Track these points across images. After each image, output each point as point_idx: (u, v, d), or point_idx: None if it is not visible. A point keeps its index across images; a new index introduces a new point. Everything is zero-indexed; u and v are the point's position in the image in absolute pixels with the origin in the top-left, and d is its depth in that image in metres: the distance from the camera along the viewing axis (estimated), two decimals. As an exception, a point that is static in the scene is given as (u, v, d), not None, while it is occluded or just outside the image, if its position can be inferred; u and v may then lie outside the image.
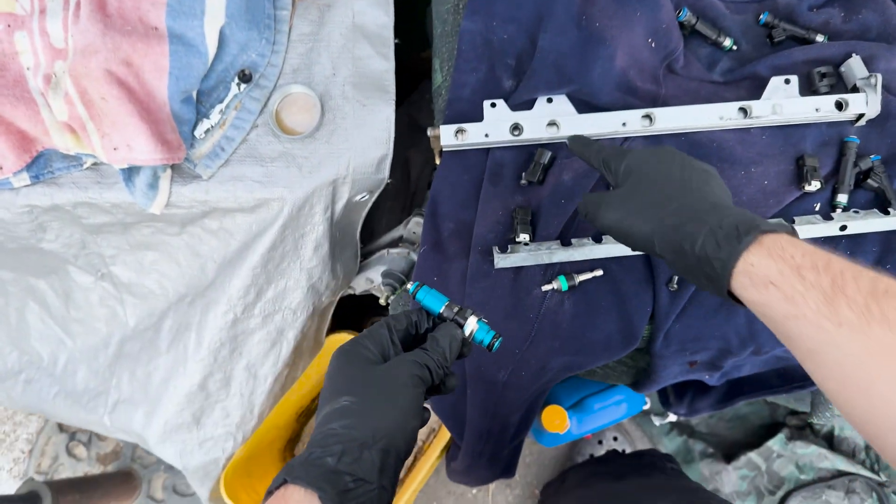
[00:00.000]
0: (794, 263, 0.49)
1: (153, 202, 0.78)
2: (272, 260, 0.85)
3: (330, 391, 0.54)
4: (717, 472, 1.42)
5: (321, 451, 0.48)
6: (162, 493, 1.45)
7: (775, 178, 0.78)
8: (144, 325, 0.94)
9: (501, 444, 0.91)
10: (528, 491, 1.49)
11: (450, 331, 0.57)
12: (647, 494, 0.79)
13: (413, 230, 0.96)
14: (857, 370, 0.44)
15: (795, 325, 0.47)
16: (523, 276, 0.76)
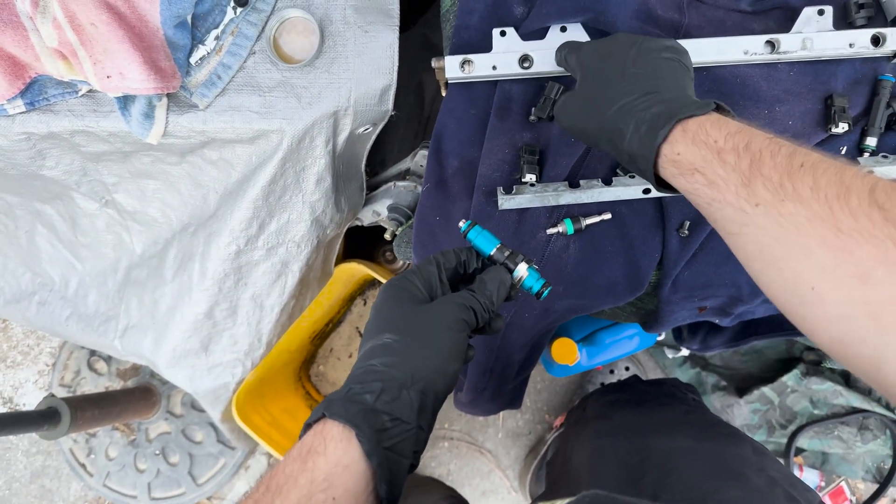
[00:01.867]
0: (715, 147, 0.49)
1: (149, 132, 0.75)
2: (273, 193, 0.83)
3: (374, 325, 0.54)
4: (729, 406, 1.42)
5: (360, 387, 0.48)
6: (181, 408, 1.50)
7: (800, 119, 0.73)
8: (150, 253, 0.93)
9: (505, 380, 0.91)
10: (538, 416, 1.51)
11: (499, 275, 0.56)
12: (666, 428, 0.78)
13: (420, 163, 0.93)
14: (772, 248, 0.44)
15: (718, 209, 0.48)
16: (528, 218, 0.74)
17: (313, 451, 0.44)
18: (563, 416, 1.42)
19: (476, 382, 0.88)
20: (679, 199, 0.73)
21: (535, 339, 0.86)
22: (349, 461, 0.44)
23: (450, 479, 1.52)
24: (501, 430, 1.52)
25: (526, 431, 1.51)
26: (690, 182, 0.50)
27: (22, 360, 1.62)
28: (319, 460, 0.43)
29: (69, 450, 1.55)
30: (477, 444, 1.52)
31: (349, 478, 0.44)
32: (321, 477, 0.43)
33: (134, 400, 1.41)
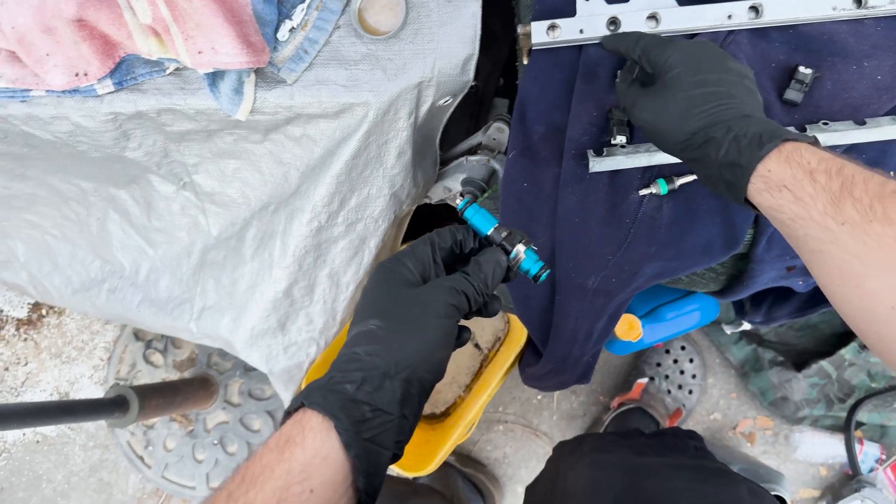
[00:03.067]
0: (808, 168, 0.50)
1: (239, 108, 0.76)
2: (356, 167, 0.84)
3: (361, 310, 0.52)
4: (787, 380, 1.41)
5: (341, 376, 0.47)
6: (238, 397, 1.51)
7: (890, 72, 0.73)
8: (227, 234, 0.94)
9: (584, 350, 0.91)
10: (592, 398, 1.51)
11: (495, 256, 0.54)
12: (663, 471, 0.78)
13: (493, 136, 0.93)
14: (852, 266, 0.45)
15: (802, 226, 0.49)
16: (619, 179, 0.74)
17: (291, 442, 0.43)
18: (619, 397, 1.42)
19: (558, 353, 0.88)
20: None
21: (618, 305, 0.86)
22: (327, 452, 0.43)
23: (505, 463, 1.52)
24: (556, 413, 1.52)
25: (581, 413, 1.52)
26: (776, 198, 0.51)
27: (77, 356, 1.64)
28: (297, 451, 0.43)
29: (127, 442, 1.56)
30: (532, 426, 1.52)
31: (327, 469, 0.43)
32: (298, 468, 0.42)
33: (193, 390, 1.42)
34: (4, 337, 1.66)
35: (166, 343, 1.55)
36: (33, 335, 1.66)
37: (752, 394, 1.48)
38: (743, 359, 1.48)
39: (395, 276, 0.52)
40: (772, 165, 0.52)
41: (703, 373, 1.48)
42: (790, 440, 1.46)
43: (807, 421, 1.44)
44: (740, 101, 0.57)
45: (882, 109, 0.72)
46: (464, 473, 1.44)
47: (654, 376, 1.44)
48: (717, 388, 1.51)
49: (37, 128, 0.81)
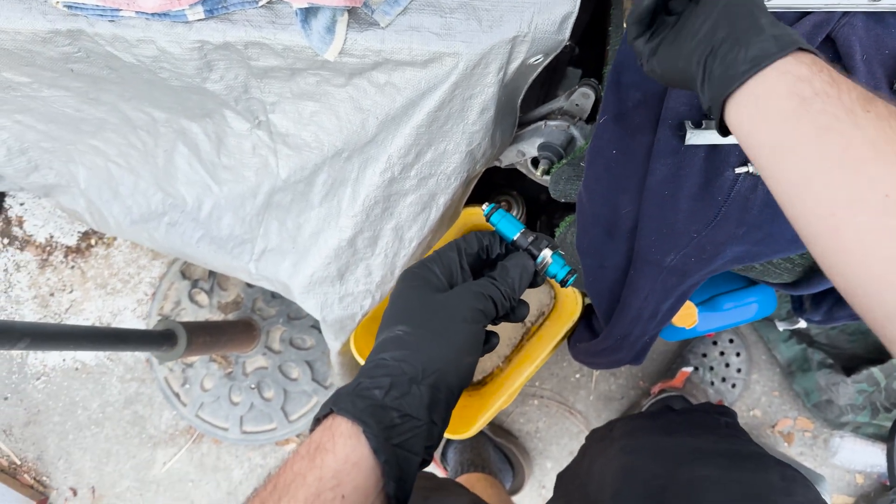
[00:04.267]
0: (827, 76, 0.44)
1: (329, 47, 0.75)
2: (437, 120, 0.82)
3: (389, 316, 0.52)
4: (835, 384, 1.38)
5: (370, 381, 0.47)
6: (279, 344, 1.52)
7: None
8: (296, 178, 0.93)
9: (646, 330, 0.89)
10: (632, 381, 1.50)
11: (522, 261, 0.55)
12: (694, 456, 0.75)
13: (577, 102, 0.91)
14: (861, 149, 0.40)
15: (824, 101, 0.43)
16: (716, 155, 0.71)
17: (321, 448, 0.43)
18: (662, 383, 1.41)
19: (621, 329, 0.87)
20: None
21: (688, 288, 0.84)
22: (358, 458, 0.43)
23: (537, 437, 1.51)
24: (593, 393, 1.51)
25: (619, 396, 1.50)
26: (814, 72, 0.44)
27: (122, 288, 1.66)
28: (328, 457, 0.43)
29: (164, 378, 1.58)
30: (567, 404, 1.51)
31: (358, 475, 0.43)
32: (330, 474, 0.42)
33: (237, 332, 1.43)
34: (52, 263, 1.68)
35: (213, 283, 1.56)
36: (80, 263, 1.68)
37: (795, 394, 1.45)
38: (791, 357, 1.45)
39: (422, 282, 0.52)
40: (801, 70, 0.46)
41: (749, 368, 1.45)
42: (829, 444, 1.44)
43: (849, 427, 1.42)
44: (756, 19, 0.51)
45: None
46: (496, 443, 1.44)
47: (698, 366, 1.42)
48: (761, 385, 1.48)
49: (122, 49, 0.80)
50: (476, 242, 0.56)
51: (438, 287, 0.52)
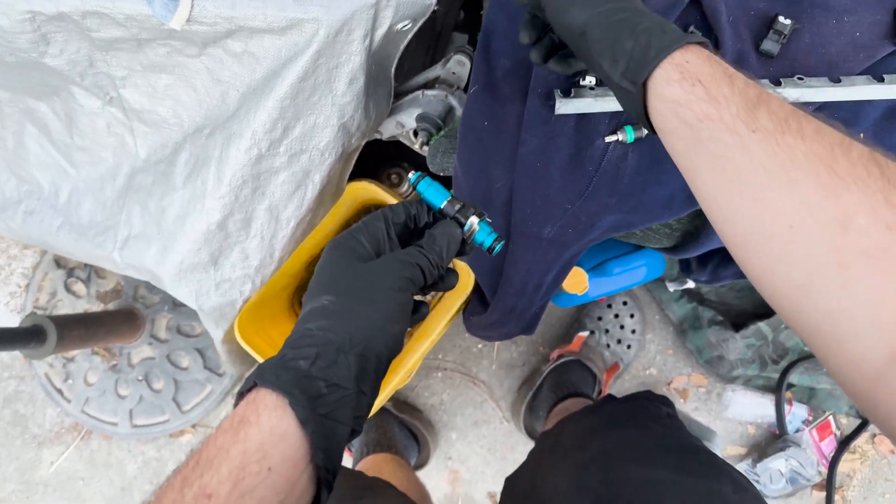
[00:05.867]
0: (726, 71, 0.47)
1: (174, 15, 0.68)
2: (302, 92, 0.77)
3: (314, 287, 0.51)
4: (725, 340, 1.43)
5: (294, 352, 0.45)
6: (166, 333, 1.44)
7: (868, 30, 0.70)
8: (157, 157, 0.87)
9: (532, 301, 0.88)
10: (531, 348, 1.50)
11: (449, 229, 0.54)
12: (644, 455, 0.75)
13: (453, 70, 0.87)
14: (755, 175, 0.42)
15: (709, 128, 0.45)
16: (586, 124, 0.70)
17: (245, 422, 0.42)
18: (559, 349, 1.42)
19: (507, 303, 0.85)
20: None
21: (570, 256, 0.83)
22: (284, 430, 0.42)
23: (442, 409, 1.51)
24: (495, 362, 1.51)
25: (520, 363, 1.51)
26: (687, 92, 0.46)
27: (-9, 281, 1.53)
28: (252, 430, 0.42)
29: (45, 374, 1.48)
30: (471, 374, 1.50)
31: (285, 447, 0.42)
32: (254, 447, 0.41)
33: (117, 323, 1.34)
34: None
35: (90, 272, 1.46)
36: (-58, 256, 1.54)
37: (688, 351, 1.49)
38: (683, 316, 1.49)
39: (347, 252, 0.51)
40: (690, 57, 0.48)
41: (643, 328, 1.48)
42: (722, 398, 1.49)
43: (740, 380, 1.47)
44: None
45: (857, 68, 0.70)
46: (399, 419, 1.42)
47: (594, 330, 1.43)
48: (655, 344, 1.52)
49: (-62, 21, 0.71)
50: (403, 211, 0.54)
51: (364, 256, 0.51)
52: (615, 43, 0.50)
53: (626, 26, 0.50)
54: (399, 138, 0.99)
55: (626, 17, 0.51)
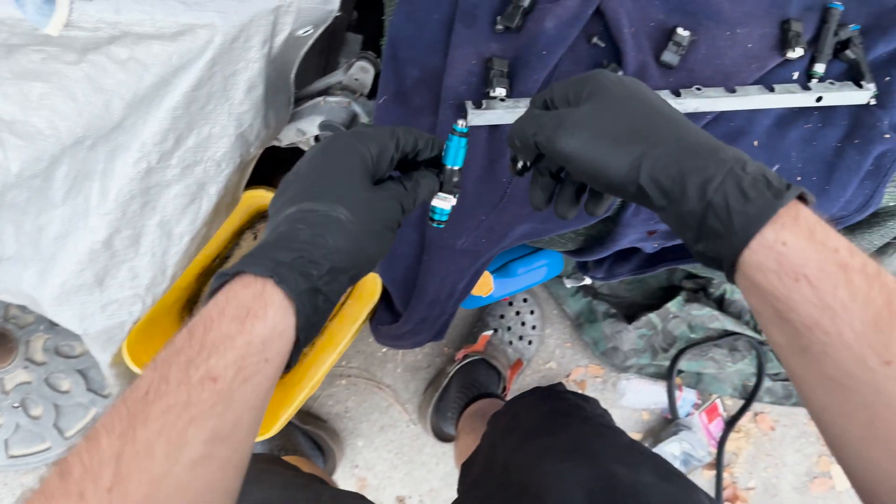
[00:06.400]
0: (837, 257, 0.38)
1: (50, 19, 0.62)
2: (196, 101, 0.72)
3: (321, 178, 0.51)
4: (619, 331, 1.48)
5: (309, 262, 0.46)
6: (43, 355, 1.32)
7: (759, 42, 0.74)
8: (31, 172, 0.78)
9: (445, 309, 0.87)
10: (437, 350, 1.50)
11: (433, 186, 0.56)
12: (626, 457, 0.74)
13: (356, 76, 0.84)
14: (892, 422, 0.35)
15: (822, 342, 0.37)
16: (499, 136, 0.69)
17: (252, 314, 0.44)
18: (465, 349, 1.42)
19: (420, 313, 0.84)
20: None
21: (480, 266, 0.82)
22: (284, 328, 0.45)
23: (347, 417, 1.48)
24: (400, 365, 1.49)
25: (425, 365, 1.50)
26: (789, 289, 0.38)
27: None
28: (258, 324, 0.44)
29: None
30: (375, 379, 1.48)
31: (281, 343, 0.45)
32: (259, 339, 0.43)
33: (-14, 347, 1.22)
34: None
35: (-51, 293, 1.31)
36: None
37: (585, 344, 1.53)
38: (579, 311, 1.53)
39: (358, 162, 0.51)
40: (787, 235, 0.38)
41: (542, 324, 1.51)
42: (617, 387, 1.55)
43: (633, 369, 1.53)
44: (699, 131, 0.46)
45: (750, 78, 0.73)
46: (304, 430, 1.38)
47: (497, 328, 1.45)
48: (554, 339, 1.55)
49: None
50: (413, 142, 0.55)
51: (370, 172, 0.52)
52: (681, 204, 0.42)
53: (692, 182, 0.42)
54: (299, 145, 0.95)
55: (683, 165, 0.43)
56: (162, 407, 0.39)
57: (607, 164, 0.45)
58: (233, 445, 0.42)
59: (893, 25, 0.75)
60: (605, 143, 0.45)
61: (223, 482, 0.41)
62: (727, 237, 0.40)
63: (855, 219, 0.76)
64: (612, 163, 0.45)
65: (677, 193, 0.42)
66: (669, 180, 0.43)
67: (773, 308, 0.39)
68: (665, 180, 0.43)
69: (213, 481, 0.40)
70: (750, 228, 0.39)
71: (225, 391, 0.41)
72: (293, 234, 0.48)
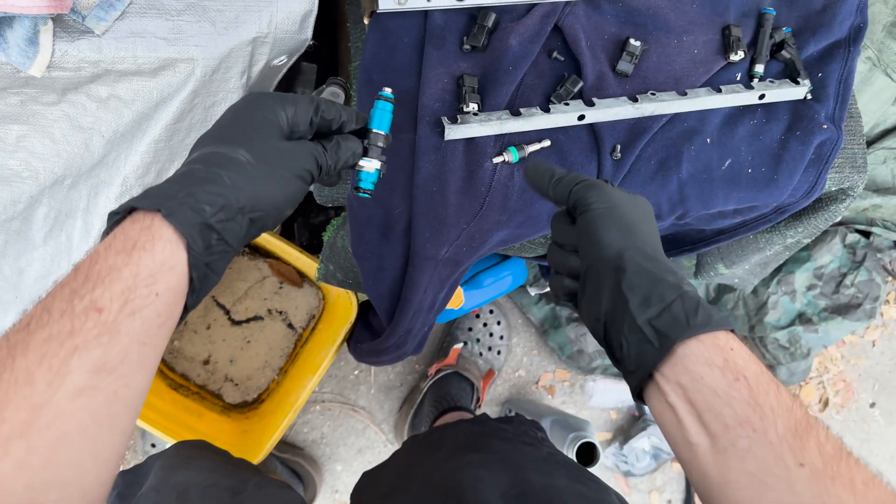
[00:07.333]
0: (770, 374, 0.44)
1: (33, 62, 0.63)
2: (178, 133, 0.74)
3: (230, 129, 0.52)
4: (582, 335, 1.53)
5: (203, 195, 0.46)
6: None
7: (704, 47, 0.80)
8: (8, 215, 0.78)
9: (426, 321, 0.90)
10: (408, 367, 1.52)
11: (355, 149, 0.57)
12: (542, 466, 0.78)
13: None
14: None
15: (748, 438, 0.41)
16: (475, 148, 0.73)
17: (139, 247, 0.43)
18: (437, 363, 1.45)
19: (404, 325, 0.86)
20: (611, 125, 0.76)
21: (459, 275, 0.86)
22: (175, 263, 0.44)
23: (324, 443, 1.48)
24: (374, 386, 1.51)
25: (398, 384, 1.52)
26: (730, 385, 0.43)
27: None
28: (146, 256, 0.43)
29: None
30: (349, 402, 1.49)
31: (173, 278, 0.44)
32: (146, 272, 0.43)
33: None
34: None
35: None
36: None
37: (551, 349, 1.58)
38: (543, 317, 1.58)
39: (270, 118, 0.52)
40: (735, 344, 0.45)
41: (509, 333, 1.55)
42: (585, 389, 1.59)
43: (599, 370, 1.58)
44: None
45: (699, 81, 0.79)
46: (282, 459, 1.38)
47: (467, 341, 1.48)
48: (521, 347, 1.59)
49: None
50: (334, 113, 0.56)
51: (283, 131, 0.53)
52: (654, 285, 0.48)
53: (672, 278, 0.48)
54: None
55: (669, 268, 0.50)
56: (44, 336, 0.38)
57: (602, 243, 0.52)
58: (120, 379, 0.40)
59: (821, 27, 0.83)
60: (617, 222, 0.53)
61: (110, 416, 0.40)
62: (685, 324, 0.45)
63: (802, 204, 0.83)
64: (605, 243, 0.52)
65: (656, 277, 0.48)
66: (653, 267, 0.49)
67: (708, 404, 0.43)
68: (648, 266, 0.49)
69: (99, 414, 0.39)
70: (710, 325, 0.45)
71: (110, 322, 0.40)
72: (189, 172, 0.48)
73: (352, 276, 0.88)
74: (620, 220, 0.53)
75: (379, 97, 0.58)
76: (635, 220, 0.53)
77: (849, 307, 1.54)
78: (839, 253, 1.53)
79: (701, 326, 0.45)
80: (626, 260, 0.50)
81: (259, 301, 1.33)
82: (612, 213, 0.53)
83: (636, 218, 0.54)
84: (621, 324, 0.48)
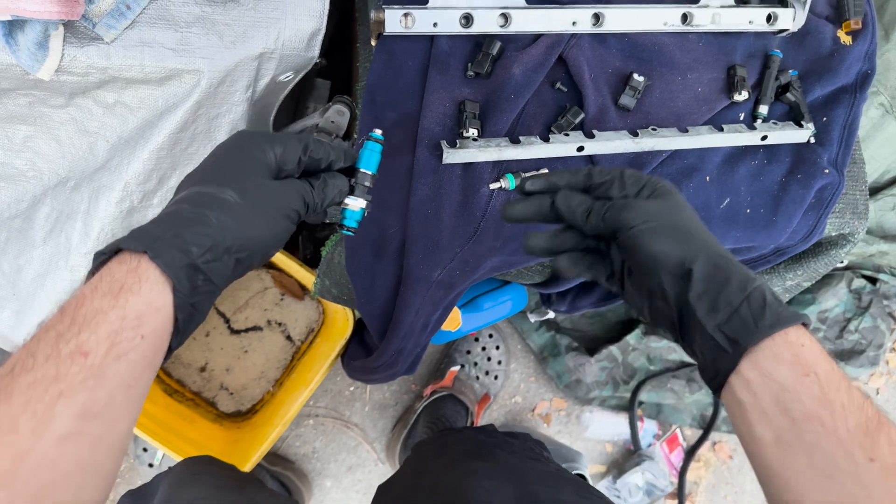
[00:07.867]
0: (842, 373, 0.44)
1: (42, 65, 0.64)
2: (180, 142, 0.75)
3: (217, 169, 0.52)
4: (581, 364, 1.52)
5: (189, 235, 0.46)
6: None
7: (708, 86, 0.80)
8: (11, 213, 0.80)
9: (419, 342, 0.90)
10: (404, 387, 1.52)
11: (342, 187, 0.58)
12: (550, 480, 0.78)
13: (332, 119, 0.88)
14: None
15: (817, 433, 0.41)
16: (472, 173, 0.74)
17: (126, 289, 0.43)
18: (433, 385, 1.44)
19: (396, 345, 0.86)
20: (611, 158, 0.77)
21: (453, 298, 0.86)
22: (161, 305, 0.44)
23: (315, 458, 1.47)
24: (368, 404, 1.50)
25: (393, 403, 1.51)
26: (798, 381, 0.43)
27: None
28: (133, 299, 0.43)
29: None
30: (343, 418, 1.49)
31: (159, 320, 0.44)
32: (133, 314, 0.43)
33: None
34: None
35: None
36: None
37: (549, 377, 1.57)
38: (542, 345, 1.57)
39: (258, 158, 0.52)
40: (806, 340, 0.45)
41: (508, 358, 1.55)
42: (581, 419, 1.58)
43: (596, 401, 1.57)
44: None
45: (701, 119, 0.79)
46: (272, 472, 1.37)
47: (464, 364, 1.47)
48: (519, 373, 1.59)
49: None
50: (325, 154, 0.56)
51: (271, 170, 0.53)
52: (721, 290, 0.48)
53: (736, 277, 0.48)
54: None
55: (732, 266, 0.49)
56: (28, 381, 0.38)
57: (666, 248, 0.51)
58: (106, 423, 0.40)
59: (828, 71, 0.83)
60: (667, 232, 0.51)
61: (95, 462, 0.40)
62: (753, 328, 0.46)
63: (801, 248, 0.83)
64: (669, 248, 0.51)
65: (721, 281, 0.48)
66: (716, 271, 0.49)
67: (775, 398, 0.44)
68: (712, 270, 0.49)
69: (85, 459, 0.39)
70: (779, 324, 0.45)
71: (96, 366, 0.40)
72: (176, 213, 0.48)
73: (346, 293, 0.88)
74: (672, 229, 0.52)
75: (369, 138, 0.59)
76: (685, 224, 0.52)
77: (852, 353, 1.52)
78: (844, 298, 1.52)
79: (769, 328, 0.45)
80: (690, 268, 0.49)
81: (259, 311, 1.33)
82: (659, 224, 0.52)
83: (683, 221, 0.53)
84: (694, 333, 0.49)
